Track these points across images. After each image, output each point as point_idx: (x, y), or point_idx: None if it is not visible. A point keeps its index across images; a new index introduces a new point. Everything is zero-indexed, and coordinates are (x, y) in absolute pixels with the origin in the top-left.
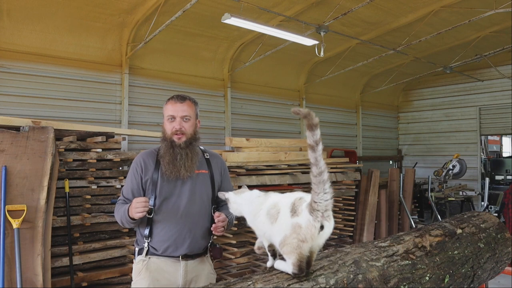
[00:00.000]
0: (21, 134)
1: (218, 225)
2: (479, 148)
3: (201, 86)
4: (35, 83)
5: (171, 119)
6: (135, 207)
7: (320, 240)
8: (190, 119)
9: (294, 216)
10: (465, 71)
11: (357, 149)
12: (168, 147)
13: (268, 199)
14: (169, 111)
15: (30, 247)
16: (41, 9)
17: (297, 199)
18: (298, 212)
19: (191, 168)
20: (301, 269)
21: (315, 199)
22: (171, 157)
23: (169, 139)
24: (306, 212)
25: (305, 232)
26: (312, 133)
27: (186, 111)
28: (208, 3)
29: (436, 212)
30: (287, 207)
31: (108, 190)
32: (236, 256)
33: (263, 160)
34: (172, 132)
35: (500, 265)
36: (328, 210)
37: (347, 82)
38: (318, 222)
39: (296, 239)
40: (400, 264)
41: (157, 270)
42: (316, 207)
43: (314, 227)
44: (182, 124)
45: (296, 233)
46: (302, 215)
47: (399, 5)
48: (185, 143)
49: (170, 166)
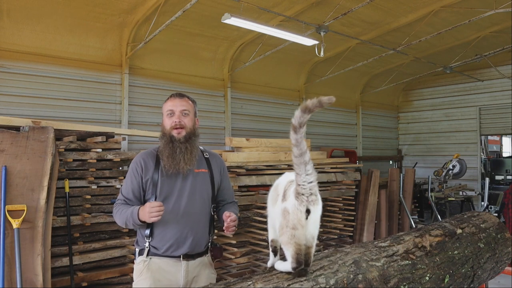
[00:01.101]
0: (21, 134)
1: (230, 224)
2: (479, 148)
3: (201, 86)
4: (35, 83)
5: (170, 114)
6: (150, 211)
7: (310, 227)
8: (189, 114)
9: (283, 201)
10: (465, 71)
11: (357, 149)
12: (167, 142)
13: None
14: (168, 106)
15: (30, 247)
16: (41, 9)
17: (288, 183)
18: (286, 197)
19: (191, 161)
20: (299, 261)
21: (298, 182)
22: (171, 151)
23: (168, 134)
24: (292, 196)
25: (293, 217)
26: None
27: (185, 106)
28: (208, 3)
29: (436, 212)
30: (282, 191)
31: (108, 190)
32: (236, 256)
33: (263, 160)
34: (172, 127)
35: (500, 265)
36: (313, 194)
37: (347, 82)
38: (304, 207)
39: (287, 227)
40: (400, 264)
41: (159, 270)
42: (300, 191)
43: (300, 211)
44: (181, 118)
45: (286, 220)
46: (289, 200)
47: (399, 5)
48: (185, 138)
49: (169, 159)
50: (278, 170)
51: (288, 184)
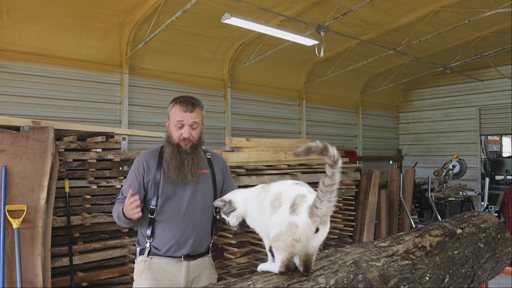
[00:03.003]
0: (21, 134)
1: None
2: (479, 148)
3: (201, 86)
4: (35, 83)
5: (179, 126)
6: (128, 209)
7: (315, 242)
8: (198, 126)
9: (293, 215)
10: (465, 71)
11: (357, 149)
12: (174, 152)
13: (271, 190)
14: (178, 117)
15: (30, 247)
16: (41, 9)
17: (299, 197)
18: (297, 211)
19: (196, 172)
20: (288, 268)
21: (318, 205)
22: (178, 163)
23: (175, 144)
24: (305, 214)
25: (301, 233)
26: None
27: (195, 118)
28: (208, 3)
29: (436, 212)
30: (288, 202)
31: (108, 190)
32: (236, 256)
33: (263, 160)
34: (180, 139)
35: (500, 265)
36: (327, 216)
37: (347, 82)
38: (315, 226)
39: (290, 238)
40: (400, 264)
41: (159, 270)
42: (316, 212)
43: (311, 230)
44: (190, 132)
45: (292, 232)
46: (300, 216)
47: (399, 5)
48: (191, 148)
49: (176, 171)
50: (278, 170)
51: (299, 198)
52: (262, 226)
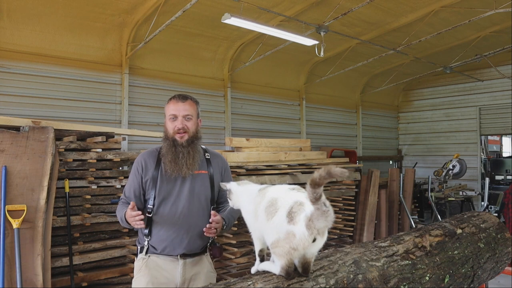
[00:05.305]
0: (21, 134)
1: (211, 225)
2: (479, 148)
3: (201, 86)
4: (35, 83)
5: (173, 118)
6: (130, 220)
7: (312, 249)
8: (192, 118)
9: (290, 224)
10: (465, 71)
11: (357, 149)
12: (170, 146)
13: (266, 195)
14: (171, 110)
15: (30, 247)
16: (41, 9)
17: (297, 204)
18: (295, 220)
19: (193, 166)
20: (288, 273)
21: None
22: (173, 156)
23: (171, 138)
24: (303, 224)
25: (298, 243)
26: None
27: (188, 110)
28: (208, 3)
29: (436, 212)
30: (285, 209)
31: (108, 190)
32: (236, 256)
33: (263, 160)
34: (174, 131)
35: (500, 265)
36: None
37: (347, 82)
38: (312, 237)
39: (288, 245)
40: (400, 264)
41: (156, 268)
42: (313, 226)
43: (308, 241)
44: (184, 122)
45: (289, 240)
46: (298, 226)
47: (399, 5)
48: (187, 142)
49: (172, 164)
50: (278, 170)
51: (297, 206)
52: (255, 229)
